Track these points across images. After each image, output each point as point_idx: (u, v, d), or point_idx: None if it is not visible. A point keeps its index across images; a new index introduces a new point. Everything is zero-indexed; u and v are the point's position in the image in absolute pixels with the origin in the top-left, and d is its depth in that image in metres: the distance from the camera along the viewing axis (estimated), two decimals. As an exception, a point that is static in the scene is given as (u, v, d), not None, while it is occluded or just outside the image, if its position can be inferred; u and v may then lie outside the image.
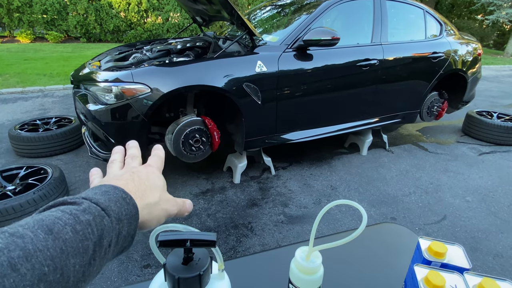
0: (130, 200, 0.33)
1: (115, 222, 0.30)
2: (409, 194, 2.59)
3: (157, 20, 10.94)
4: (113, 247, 0.30)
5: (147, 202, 0.36)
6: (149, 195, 0.37)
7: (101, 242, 0.28)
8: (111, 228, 0.29)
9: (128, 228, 0.32)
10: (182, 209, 0.43)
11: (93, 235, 0.27)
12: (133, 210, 0.33)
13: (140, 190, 0.36)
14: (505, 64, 10.64)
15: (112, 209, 0.30)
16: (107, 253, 0.29)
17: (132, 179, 0.37)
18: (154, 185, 0.39)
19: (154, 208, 0.37)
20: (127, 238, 0.32)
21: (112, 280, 1.67)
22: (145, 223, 0.37)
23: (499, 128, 3.61)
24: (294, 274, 0.52)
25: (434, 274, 0.50)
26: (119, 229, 0.30)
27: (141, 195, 0.36)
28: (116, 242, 0.30)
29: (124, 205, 0.32)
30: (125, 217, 0.32)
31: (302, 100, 2.52)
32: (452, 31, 3.47)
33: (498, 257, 1.93)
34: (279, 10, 3.26)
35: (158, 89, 2.02)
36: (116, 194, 0.32)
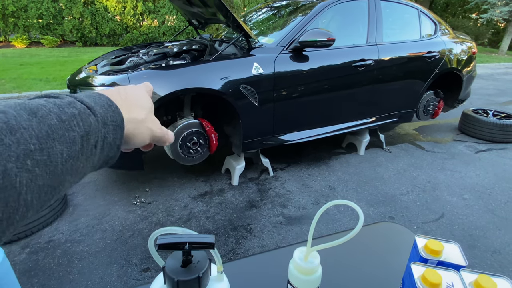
0: (116, 108, 0.32)
1: (101, 123, 0.29)
2: (406, 193, 2.60)
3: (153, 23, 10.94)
4: (99, 151, 0.29)
5: (133, 116, 0.36)
6: (135, 111, 0.36)
7: (88, 138, 0.27)
8: (97, 128, 0.28)
9: (113, 135, 0.31)
10: (165, 137, 0.43)
11: (79, 128, 0.26)
12: (118, 118, 0.32)
13: (126, 104, 0.35)
14: (500, 62, 10.72)
15: (98, 111, 0.29)
16: (94, 154, 0.28)
17: (118, 93, 0.36)
18: (142, 103, 0.38)
19: (140, 124, 0.37)
20: (113, 147, 0.31)
21: (111, 284, 1.67)
22: (130, 138, 0.36)
23: (495, 126, 3.63)
24: (293, 274, 0.52)
25: (431, 272, 0.50)
26: (105, 133, 0.29)
27: (127, 108, 0.35)
28: (102, 146, 0.29)
29: (110, 111, 0.31)
30: (111, 123, 0.30)
31: (299, 101, 2.53)
32: (447, 30, 3.50)
33: (496, 254, 1.94)
34: (274, 12, 3.27)
35: (154, 93, 2.02)
36: (101, 100, 0.31)
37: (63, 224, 2.11)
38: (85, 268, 1.76)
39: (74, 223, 2.12)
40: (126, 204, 2.35)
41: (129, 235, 2.04)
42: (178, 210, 2.31)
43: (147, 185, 2.61)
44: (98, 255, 1.86)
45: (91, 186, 2.57)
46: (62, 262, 1.80)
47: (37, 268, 1.75)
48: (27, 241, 1.94)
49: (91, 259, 1.83)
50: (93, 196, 2.44)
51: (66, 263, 1.79)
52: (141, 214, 2.25)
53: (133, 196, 2.46)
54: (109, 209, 2.29)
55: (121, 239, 2.00)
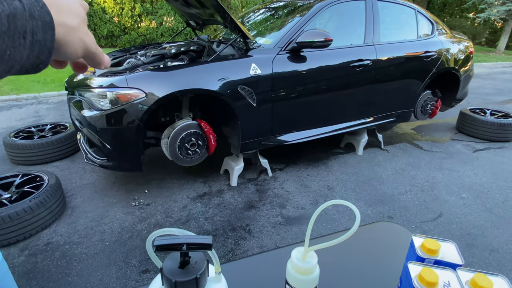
0: (43, 5, 0.29)
1: (27, 13, 0.26)
2: (405, 193, 2.61)
3: (151, 25, 10.93)
4: (29, 46, 0.27)
5: (64, 21, 0.32)
6: (66, 15, 0.33)
7: (15, 22, 0.25)
8: (23, 15, 0.26)
9: (43, 34, 0.28)
10: (100, 56, 0.40)
11: (2, 6, 0.24)
12: (47, 16, 0.29)
13: (55, 5, 0.31)
14: (498, 61, 10.76)
15: (24, 0, 0.26)
16: (22, 45, 0.27)
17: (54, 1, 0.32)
18: (74, 9, 0.34)
19: (72, 32, 0.33)
20: (44, 48, 0.29)
21: (110, 286, 1.67)
22: (61, 45, 0.33)
23: (492, 125, 3.65)
24: (291, 274, 0.52)
25: (428, 271, 0.50)
26: (33, 27, 0.27)
27: (56, 9, 0.31)
28: (31, 42, 0.27)
29: (36, 6, 0.28)
30: (39, 17, 0.28)
31: (297, 102, 2.54)
32: (444, 30, 3.51)
33: (494, 253, 1.95)
34: (272, 12, 3.28)
35: (153, 94, 2.02)
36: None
37: (62, 226, 2.10)
38: (84, 270, 1.76)
39: (72, 225, 2.12)
40: (124, 206, 2.35)
41: (128, 236, 2.03)
42: (177, 211, 2.31)
43: (145, 187, 2.61)
44: (97, 257, 1.86)
45: (89, 188, 2.56)
46: (61, 264, 1.79)
47: (35, 271, 1.74)
48: (25, 243, 1.94)
49: (90, 261, 1.82)
50: (91, 197, 2.44)
51: (65, 265, 1.79)
52: (139, 215, 2.25)
53: (132, 198, 2.45)
54: (107, 210, 2.29)
55: (120, 240, 2.00)
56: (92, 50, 0.38)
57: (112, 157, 2.17)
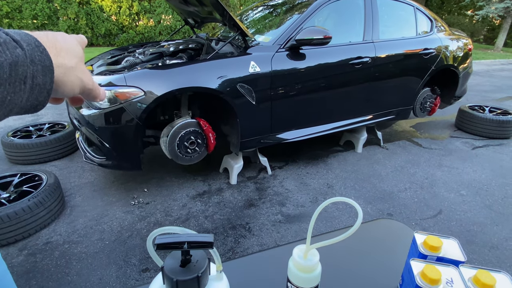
0: (43, 50, 0.30)
1: (28, 59, 0.28)
2: (404, 190, 2.61)
3: (149, 23, 10.89)
4: (29, 90, 0.29)
5: (62, 62, 0.34)
6: (64, 56, 0.35)
7: (16, 69, 0.26)
8: (25, 62, 0.27)
9: (43, 77, 0.30)
10: (97, 91, 0.41)
11: (5, 55, 0.25)
12: (46, 61, 0.30)
13: (55, 48, 0.33)
14: (496, 59, 10.78)
15: (24, 46, 0.28)
16: (22, 90, 0.28)
17: (46, 36, 0.34)
18: (72, 49, 0.36)
19: (70, 72, 0.35)
20: (43, 90, 0.31)
21: (110, 285, 1.66)
22: (59, 85, 0.34)
23: (491, 122, 3.65)
24: (292, 272, 0.52)
25: (430, 268, 0.50)
26: (34, 71, 0.29)
27: (56, 52, 0.33)
28: (31, 86, 0.29)
29: (37, 51, 0.29)
30: (39, 62, 0.29)
31: (296, 100, 2.53)
32: (443, 27, 3.51)
33: (494, 249, 1.95)
34: (271, 10, 3.27)
35: (151, 92, 2.01)
36: (28, 38, 0.29)
37: (61, 226, 2.10)
38: (83, 269, 1.76)
39: (72, 224, 2.11)
40: (124, 205, 2.34)
41: (128, 235, 2.03)
42: (176, 210, 2.30)
43: (145, 185, 2.61)
44: (97, 256, 1.85)
45: (88, 187, 2.56)
46: (60, 264, 1.79)
47: (35, 270, 1.74)
48: (24, 243, 1.93)
49: (90, 260, 1.82)
50: (91, 197, 2.43)
51: (64, 264, 1.79)
52: (139, 214, 2.24)
53: (131, 197, 2.45)
54: (107, 209, 2.28)
55: (119, 239, 1.99)
56: (89, 87, 0.40)
57: (111, 156, 2.16)
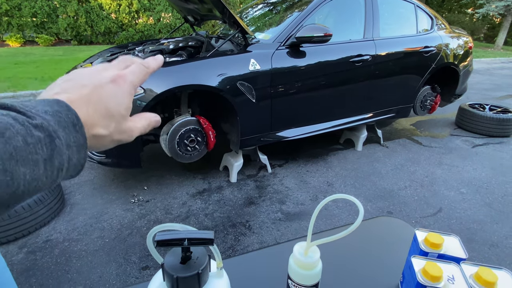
0: (80, 128, 0.30)
1: (65, 147, 0.28)
2: (404, 188, 2.61)
3: (148, 21, 10.86)
4: (65, 173, 0.29)
5: (95, 133, 0.32)
6: (100, 126, 0.32)
7: (52, 162, 0.27)
8: (61, 151, 0.27)
9: (78, 156, 0.30)
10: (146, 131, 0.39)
11: (43, 152, 0.26)
12: (81, 140, 0.30)
13: (93, 119, 0.32)
14: (496, 57, 10.77)
15: (61, 134, 0.28)
16: (59, 177, 0.28)
17: (88, 100, 0.32)
18: (113, 112, 0.33)
19: (105, 139, 0.33)
20: (77, 166, 0.30)
21: (110, 283, 1.66)
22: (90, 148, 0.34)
23: (491, 120, 3.65)
24: (293, 269, 0.52)
25: (431, 265, 0.50)
26: (69, 155, 0.28)
27: (91, 124, 0.31)
28: (67, 168, 0.29)
29: (73, 133, 0.29)
30: (74, 144, 0.29)
31: (296, 97, 2.53)
32: (443, 25, 3.50)
33: (494, 247, 1.95)
34: (271, 7, 3.26)
35: (151, 90, 2.00)
36: (67, 119, 0.29)
37: (61, 223, 2.10)
38: (83, 267, 1.76)
39: (71, 222, 2.11)
40: (124, 203, 2.34)
41: (128, 233, 2.03)
42: (176, 207, 2.30)
43: (144, 183, 2.60)
44: (97, 254, 1.85)
45: (88, 185, 2.55)
46: (60, 262, 1.79)
47: (35, 268, 1.74)
48: (24, 240, 1.93)
49: (90, 258, 1.82)
50: (90, 195, 2.43)
51: (64, 262, 1.79)
52: (139, 212, 2.24)
53: (131, 195, 2.45)
54: (107, 207, 2.28)
55: (119, 237, 1.99)
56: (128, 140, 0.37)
57: (110, 153, 2.16)
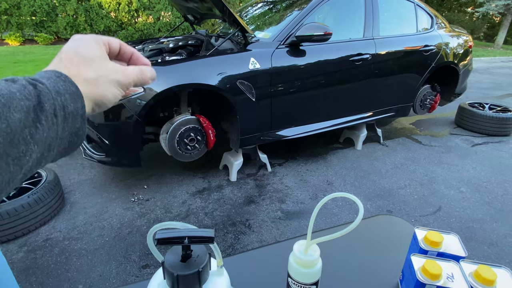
0: (65, 78, 0.30)
1: (53, 92, 0.28)
2: (404, 187, 2.61)
3: (148, 20, 10.84)
4: (62, 121, 0.29)
5: (85, 77, 0.33)
6: (84, 70, 0.33)
7: (41, 106, 0.27)
8: (49, 95, 0.28)
9: (74, 104, 0.30)
10: (141, 77, 0.39)
11: (30, 96, 0.26)
12: (72, 87, 0.30)
13: (72, 68, 0.33)
14: (496, 56, 10.76)
15: (45, 82, 0.29)
16: (56, 124, 0.28)
17: (60, 59, 0.33)
18: (88, 57, 0.34)
19: (99, 81, 0.34)
20: (77, 117, 0.31)
21: (110, 281, 1.67)
22: (99, 100, 0.34)
23: (491, 119, 3.65)
24: (293, 268, 0.52)
25: (431, 263, 0.50)
26: (63, 101, 0.29)
27: (75, 72, 0.32)
28: (64, 116, 0.29)
29: (60, 82, 0.30)
30: (65, 91, 0.30)
31: (296, 96, 2.52)
32: (443, 24, 3.49)
33: (493, 246, 1.96)
34: (270, 6, 3.25)
35: (151, 89, 2.00)
36: (47, 74, 0.30)
37: (61, 222, 2.10)
38: (83, 265, 1.76)
39: (71, 221, 2.11)
40: (124, 201, 2.34)
41: (128, 232, 2.03)
42: (176, 206, 2.30)
43: (144, 182, 2.61)
44: (97, 253, 1.85)
45: (88, 184, 2.55)
46: (60, 260, 1.79)
47: (35, 267, 1.74)
48: (24, 239, 1.93)
49: (90, 257, 1.82)
50: (90, 193, 2.43)
51: (64, 261, 1.79)
52: (139, 211, 2.24)
53: (131, 193, 2.45)
54: (106, 206, 2.28)
55: (119, 236, 1.99)
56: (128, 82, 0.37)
57: (110, 152, 2.16)
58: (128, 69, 0.38)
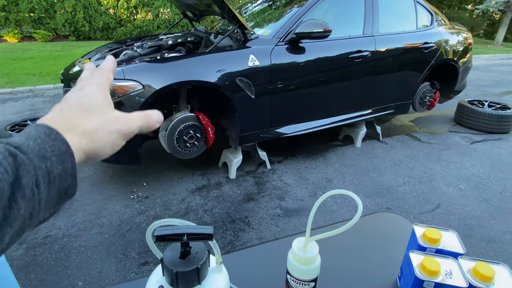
0: (56, 135, 0.29)
1: (36, 159, 0.26)
2: (403, 184, 2.62)
3: (147, 16, 10.80)
4: (45, 187, 0.27)
5: (83, 130, 0.31)
6: (84, 122, 0.32)
7: (19, 182, 0.25)
8: (30, 166, 0.26)
9: (61, 166, 0.28)
10: (147, 122, 0.37)
11: (6, 173, 0.24)
12: (62, 146, 0.29)
13: (71, 120, 0.31)
14: (496, 53, 10.75)
15: (29, 147, 0.27)
16: (37, 194, 0.26)
17: (61, 109, 0.32)
18: (90, 107, 0.33)
19: (98, 134, 0.32)
20: (66, 177, 0.29)
21: (110, 278, 1.67)
22: (94, 152, 0.32)
23: (490, 117, 3.65)
24: (292, 264, 0.52)
25: (429, 259, 0.50)
26: (47, 167, 0.27)
27: (73, 125, 0.31)
28: (48, 182, 0.27)
29: (48, 142, 0.28)
30: (52, 154, 0.28)
31: (296, 94, 2.52)
32: (443, 21, 3.48)
33: (492, 243, 1.97)
34: (270, 3, 3.24)
35: (150, 86, 2.00)
36: (37, 132, 0.28)
37: (60, 220, 2.10)
38: (83, 262, 1.76)
39: (71, 218, 2.12)
40: (123, 199, 2.35)
41: (127, 229, 2.03)
42: (175, 204, 2.31)
43: (144, 180, 2.61)
44: (96, 250, 1.86)
45: (87, 181, 2.55)
46: (60, 257, 1.79)
47: (34, 264, 1.74)
48: (23, 236, 1.93)
49: (89, 254, 1.82)
50: (89, 191, 2.43)
51: (63, 258, 1.79)
52: (138, 208, 2.24)
53: (130, 191, 2.45)
54: (106, 203, 2.29)
55: (118, 233, 2.00)
56: (131, 131, 0.35)
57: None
58: (131, 116, 0.36)
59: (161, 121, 0.38)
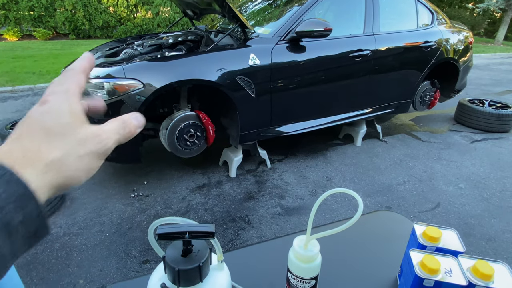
0: (10, 176, 0.23)
1: None
2: (403, 183, 2.62)
3: (147, 15, 10.79)
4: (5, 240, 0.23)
5: (46, 162, 0.25)
6: (47, 150, 0.26)
7: None
8: None
9: (22, 212, 0.23)
10: (125, 132, 0.32)
11: None
12: (18, 189, 0.23)
13: (30, 150, 0.25)
14: (496, 52, 10.74)
15: None
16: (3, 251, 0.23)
17: (19, 136, 0.26)
18: (53, 129, 0.27)
19: (65, 162, 0.27)
20: (30, 222, 0.24)
21: (111, 276, 1.68)
22: (65, 184, 0.27)
23: (490, 116, 3.65)
24: (293, 262, 0.52)
25: (429, 258, 0.51)
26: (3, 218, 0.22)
27: (33, 157, 0.25)
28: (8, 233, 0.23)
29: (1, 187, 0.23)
30: (8, 201, 0.23)
31: (296, 92, 2.52)
32: (444, 20, 3.48)
33: (491, 242, 1.97)
34: (270, 2, 3.23)
35: (150, 84, 2.00)
36: None
37: (61, 218, 2.10)
38: (84, 261, 1.77)
39: (72, 217, 2.12)
40: (124, 197, 2.35)
41: (128, 227, 2.04)
42: (176, 202, 2.31)
43: (144, 178, 2.61)
44: (97, 248, 1.86)
45: (88, 180, 2.55)
46: (61, 255, 1.80)
47: (36, 262, 1.75)
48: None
49: (90, 252, 1.83)
50: (90, 189, 2.44)
51: (65, 256, 1.80)
52: (139, 207, 2.25)
53: (131, 189, 2.45)
54: (107, 202, 2.29)
55: (119, 231, 2.00)
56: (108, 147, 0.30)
57: (110, 148, 2.15)
58: (104, 130, 0.30)
59: (142, 124, 0.33)
